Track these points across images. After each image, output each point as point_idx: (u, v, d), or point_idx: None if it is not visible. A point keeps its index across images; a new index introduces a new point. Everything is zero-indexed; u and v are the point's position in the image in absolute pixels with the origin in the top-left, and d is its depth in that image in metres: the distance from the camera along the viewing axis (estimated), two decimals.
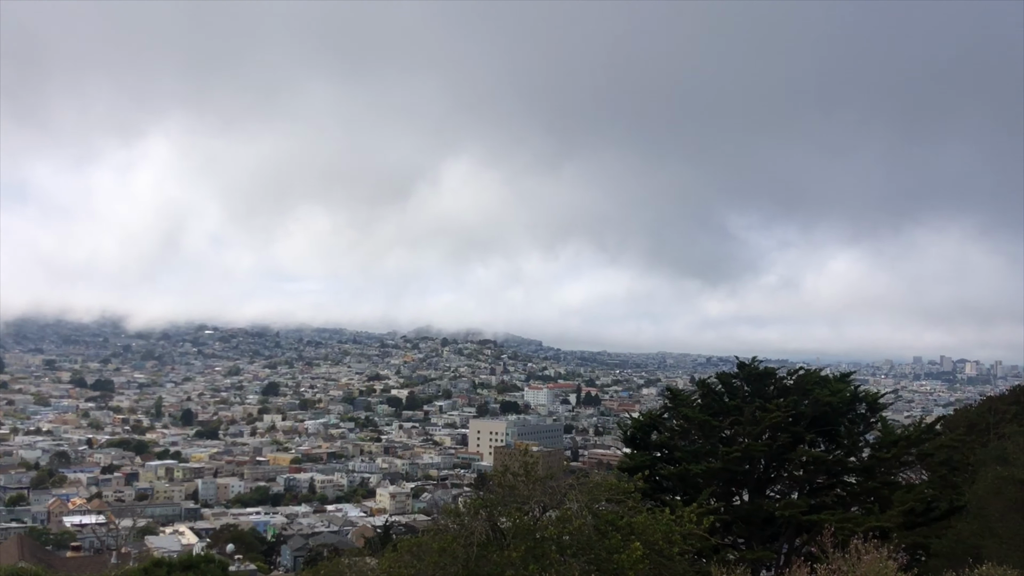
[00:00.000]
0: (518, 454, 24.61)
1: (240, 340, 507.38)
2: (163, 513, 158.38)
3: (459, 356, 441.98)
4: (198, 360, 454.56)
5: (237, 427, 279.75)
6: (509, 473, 22.27)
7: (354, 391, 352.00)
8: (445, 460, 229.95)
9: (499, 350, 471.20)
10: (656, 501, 26.79)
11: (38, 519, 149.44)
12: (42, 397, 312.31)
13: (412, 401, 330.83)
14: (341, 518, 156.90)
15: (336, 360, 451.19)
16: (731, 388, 33.97)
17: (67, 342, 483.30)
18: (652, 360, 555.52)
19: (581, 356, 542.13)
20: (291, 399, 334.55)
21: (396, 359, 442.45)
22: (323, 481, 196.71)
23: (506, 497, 21.39)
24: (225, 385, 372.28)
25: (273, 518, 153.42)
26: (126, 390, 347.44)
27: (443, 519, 22.68)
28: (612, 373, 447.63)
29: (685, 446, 32.01)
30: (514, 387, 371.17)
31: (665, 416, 34.62)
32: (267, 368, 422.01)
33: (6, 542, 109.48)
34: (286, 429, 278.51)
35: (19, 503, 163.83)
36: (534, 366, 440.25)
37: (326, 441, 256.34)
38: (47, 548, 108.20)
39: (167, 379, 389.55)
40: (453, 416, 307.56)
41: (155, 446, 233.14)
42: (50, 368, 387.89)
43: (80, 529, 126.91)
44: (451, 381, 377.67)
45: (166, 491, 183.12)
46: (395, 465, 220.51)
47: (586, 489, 21.54)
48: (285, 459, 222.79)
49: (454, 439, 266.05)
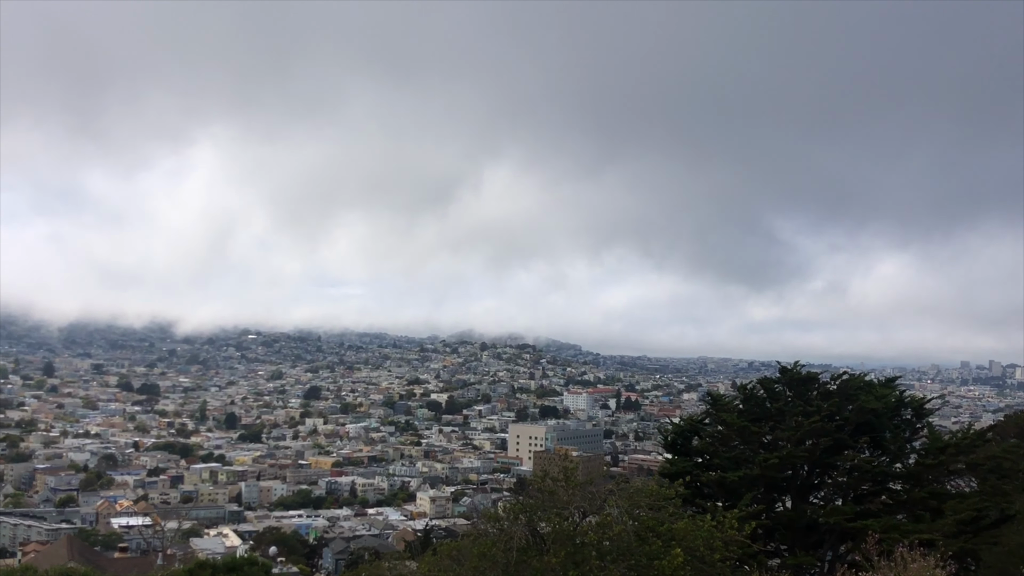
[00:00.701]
0: (558, 459, 24.56)
1: (283, 344, 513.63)
2: (207, 515, 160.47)
3: (498, 360, 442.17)
4: (242, 364, 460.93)
5: (280, 431, 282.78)
6: (549, 478, 22.24)
7: (394, 395, 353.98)
8: (485, 464, 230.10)
9: (538, 355, 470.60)
10: (697, 507, 26.58)
11: (87, 520, 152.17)
12: (90, 401, 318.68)
13: (452, 405, 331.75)
14: (382, 521, 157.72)
15: (376, 364, 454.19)
16: (773, 393, 33.58)
17: (114, 347, 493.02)
18: (693, 365, 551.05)
19: (621, 361, 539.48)
20: (332, 403, 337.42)
21: (436, 363, 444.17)
22: (364, 485, 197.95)
23: (546, 502, 21.36)
24: (268, 389, 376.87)
25: (315, 521, 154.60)
26: (171, 394, 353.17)
27: (483, 523, 22.71)
28: (652, 378, 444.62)
29: (726, 452, 31.71)
30: (553, 392, 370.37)
31: (706, 421, 34.33)
32: (309, 372, 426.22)
33: (56, 543, 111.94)
34: (327, 433, 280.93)
35: (69, 504, 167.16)
36: (573, 371, 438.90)
37: (367, 445, 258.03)
38: (95, 549, 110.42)
39: (211, 383, 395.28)
40: (492, 420, 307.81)
41: (199, 449, 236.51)
42: (98, 372, 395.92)
43: (127, 530, 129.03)
44: (490, 385, 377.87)
45: (210, 494, 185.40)
46: (435, 469, 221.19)
47: (626, 495, 21.44)
48: (327, 462, 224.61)
49: (493, 443, 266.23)
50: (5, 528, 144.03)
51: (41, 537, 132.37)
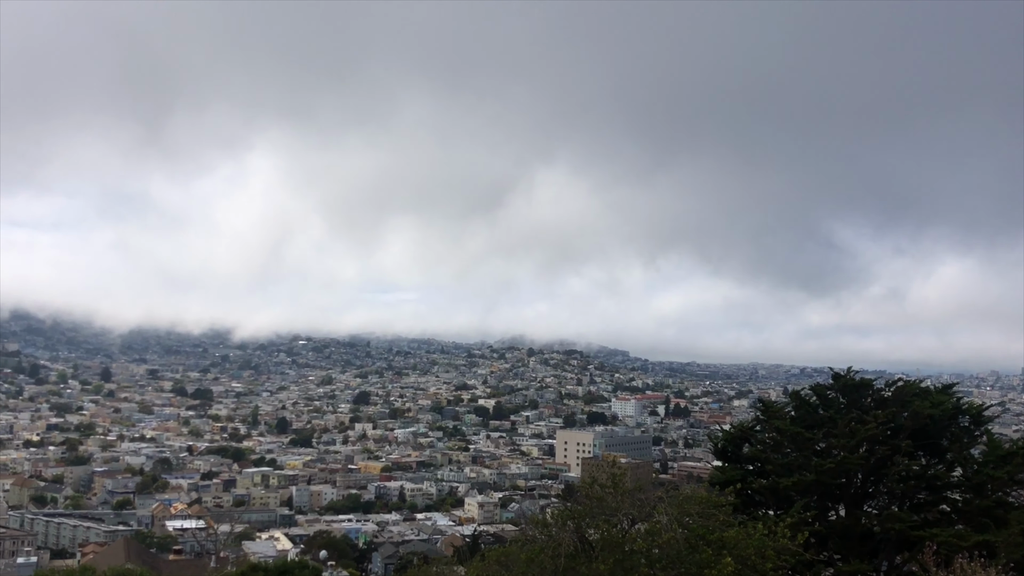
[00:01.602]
0: (606, 466, 24.43)
1: (333, 350, 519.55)
2: (259, 519, 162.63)
3: (545, 366, 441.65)
4: (292, 370, 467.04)
5: (330, 435, 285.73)
6: (597, 485, 22.14)
7: (442, 400, 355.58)
8: (532, 470, 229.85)
9: (585, 360, 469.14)
10: (748, 515, 26.23)
11: (143, 522, 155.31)
12: (146, 405, 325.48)
13: (499, 411, 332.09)
14: (430, 526, 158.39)
15: (425, 370, 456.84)
16: (825, 400, 33.02)
17: (169, 352, 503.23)
18: (743, 371, 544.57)
19: (669, 367, 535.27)
20: (381, 408, 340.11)
21: (483, 369, 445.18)
22: (412, 490, 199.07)
23: (594, 509, 21.27)
24: (318, 394, 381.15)
25: (364, 525, 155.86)
26: (224, 399, 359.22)
27: (531, 530, 22.69)
28: (702, 384, 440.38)
29: (778, 459, 31.20)
30: (601, 398, 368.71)
31: (757, 428, 33.86)
32: (358, 378, 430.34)
33: (114, 544, 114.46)
34: (376, 438, 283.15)
35: (125, 507, 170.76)
36: (621, 377, 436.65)
37: (415, 450, 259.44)
38: (151, 551, 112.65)
39: (263, 388, 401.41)
40: (540, 427, 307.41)
41: (251, 453, 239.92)
42: (153, 377, 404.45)
43: (181, 533, 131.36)
44: (538, 391, 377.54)
45: (262, 497, 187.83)
46: (483, 475, 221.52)
47: (676, 502, 21.26)
48: (376, 467, 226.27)
49: (541, 449, 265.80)
50: (65, 529, 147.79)
51: (99, 538, 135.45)
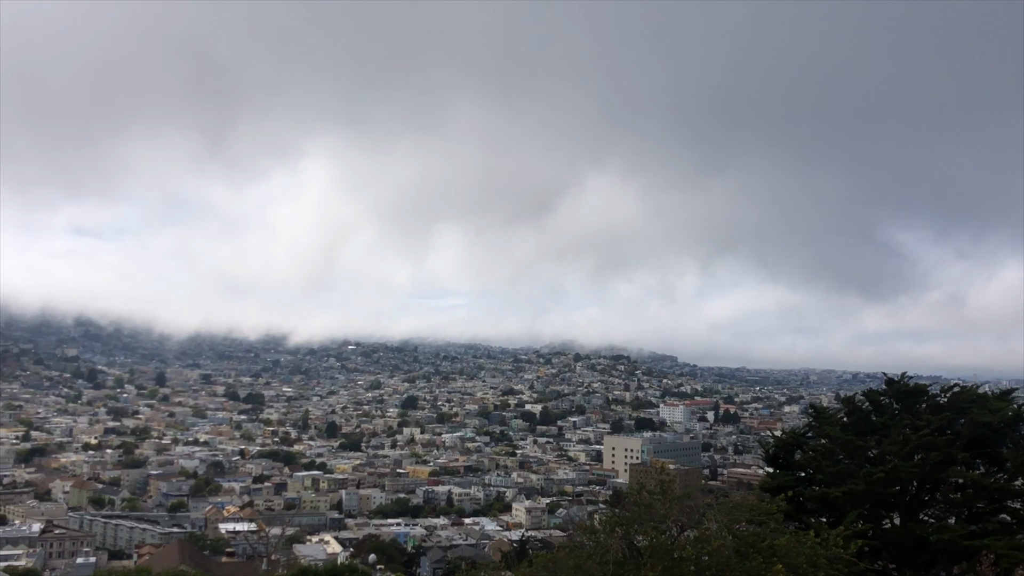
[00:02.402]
0: (654, 472, 24.33)
1: (381, 355, 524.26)
2: (309, 522, 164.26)
3: (592, 372, 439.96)
4: (342, 374, 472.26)
5: (378, 439, 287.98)
6: (645, 491, 22.05)
7: (489, 405, 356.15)
8: (580, 476, 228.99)
9: (633, 366, 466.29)
10: (800, 523, 25.90)
11: (196, 525, 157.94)
12: (199, 409, 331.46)
13: (546, 416, 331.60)
14: (478, 531, 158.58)
15: (471, 375, 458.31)
16: (879, 406, 32.44)
17: (222, 357, 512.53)
18: (794, 376, 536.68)
19: (719, 372, 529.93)
20: (429, 412, 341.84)
21: (530, 374, 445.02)
22: (460, 494, 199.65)
23: (642, 515, 21.18)
24: (367, 399, 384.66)
25: (413, 529, 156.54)
26: (275, 403, 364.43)
27: (579, 536, 22.68)
28: (752, 390, 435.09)
29: (829, 466, 30.71)
30: (649, 403, 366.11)
31: (808, 435, 33.39)
32: (406, 382, 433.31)
33: (168, 546, 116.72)
34: (424, 442, 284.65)
35: (179, 509, 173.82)
36: (669, 382, 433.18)
37: (462, 455, 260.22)
38: (204, 553, 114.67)
39: (313, 393, 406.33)
40: (587, 432, 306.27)
41: (302, 457, 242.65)
42: (207, 382, 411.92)
43: (234, 536, 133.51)
44: (584, 397, 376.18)
45: (312, 501, 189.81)
46: (530, 480, 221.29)
47: (725, 509, 21.08)
48: (424, 472, 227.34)
49: (588, 455, 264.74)
50: (122, 530, 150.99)
51: (154, 540, 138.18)
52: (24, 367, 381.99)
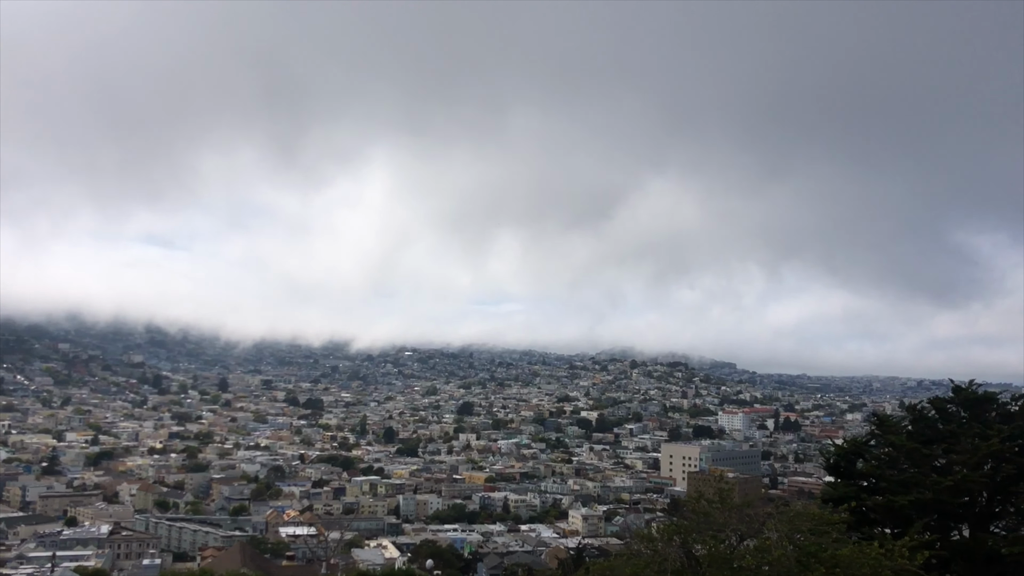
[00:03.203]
0: (713, 480, 24.06)
1: (437, 361, 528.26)
2: (367, 527, 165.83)
3: (649, 378, 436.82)
4: (398, 380, 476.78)
5: (435, 445, 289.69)
6: (704, 499, 21.83)
7: (544, 412, 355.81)
8: (637, 484, 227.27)
9: (691, 373, 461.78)
10: (863, 533, 25.30)
11: (257, 528, 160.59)
12: (260, 415, 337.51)
13: (602, 423, 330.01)
14: (534, 538, 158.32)
15: (527, 381, 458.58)
16: (945, 414, 31.59)
17: (282, 363, 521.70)
18: (857, 383, 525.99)
19: (779, 379, 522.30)
20: (484, 419, 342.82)
21: (585, 381, 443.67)
22: (516, 501, 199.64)
23: (701, 524, 20.97)
24: (423, 404, 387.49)
25: (469, 535, 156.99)
26: (334, 408, 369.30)
27: (636, 544, 22.52)
28: (813, 397, 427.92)
29: (894, 475, 29.96)
30: (707, 411, 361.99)
31: (871, 443, 32.66)
32: (462, 388, 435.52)
33: (230, 549, 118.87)
34: (480, 448, 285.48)
35: (241, 513, 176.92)
36: (728, 389, 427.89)
37: (518, 461, 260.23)
38: (265, 556, 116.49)
39: (370, 398, 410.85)
40: (644, 439, 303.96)
41: (360, 462, 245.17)
42: (267, 388, 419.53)
43: (294, 539, 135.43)
44: (641, 404, 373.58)
45: (370, 506, 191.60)
46: (586, 487, 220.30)
47: (786, 518, 20.74)
48: (480, 478, 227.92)
49: (645, 463, 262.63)
50: (186, 533, 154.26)
51: (217, 543, 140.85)
52: (93, 373, 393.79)
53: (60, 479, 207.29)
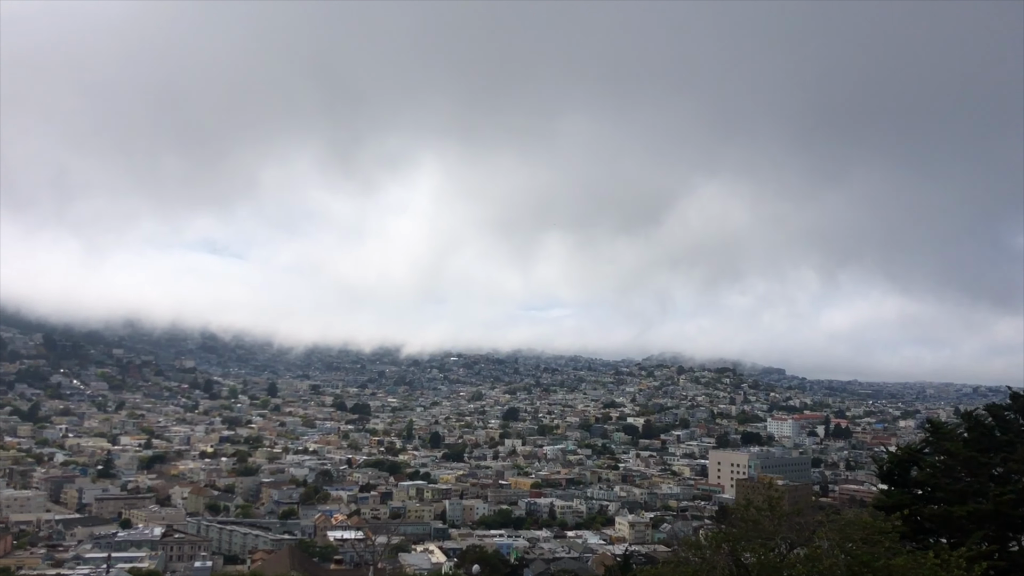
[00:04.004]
0: (762, 487, 23.75)
1: (482, 366, 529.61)
2: (414, 532, 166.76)
3: (696, 384, 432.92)
4: (444, 385, 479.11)
5: (480, 450, 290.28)
6: (753, 507, 21.59)
7: (590, 418, 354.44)
8: (684, 491, 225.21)
9: (739, 379, 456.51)
10: (917, 543, 24.77)
11: (306, 532, 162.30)
12: (309, 419, 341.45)
13: (648, 429, 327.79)
14: (581, 544, 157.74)
15: (572, 387, 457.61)
16: (1003, 421, 30.81)
17: (329, 368, 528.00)
18: (909, 390, 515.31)
19: (829, 385, 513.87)
20: (530, 424, 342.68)
21: (631, 387, 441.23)
22: (562, 507, 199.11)
23: (749, 532, 20.73)
24: (469, 410, 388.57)
25: (516, 541, 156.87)
26: (381, 413, 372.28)
27: (684, 551, 22.34)
28: (864, 403, 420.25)
29: (949, 484, 29.29)
30: (756, 417, 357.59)
31: (926, 451, 31.99)
32: (507, 394, 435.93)
33: (280, 552, 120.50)
34: (526, 454, 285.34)
35: (290, 517, 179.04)
36: (777, 395, 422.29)
37: (564, 467, 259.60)
38: (313, 559, 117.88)
39: (417, 403, 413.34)
40: (691, 446, 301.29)
41: (406, 467, 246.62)
42: (315, 393, 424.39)
43: (342, 543, 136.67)
44: (688, 410, 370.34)
45: (417, 510, 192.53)
46: (633, 494, 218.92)
47: (837, 527, 20.43)
48: (526, 483, 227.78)
49: (693, 470, 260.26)
50: (236, 536, 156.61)
51: (266, 546, 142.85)
52: (146, 378, 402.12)
53: (115, 482, 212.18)
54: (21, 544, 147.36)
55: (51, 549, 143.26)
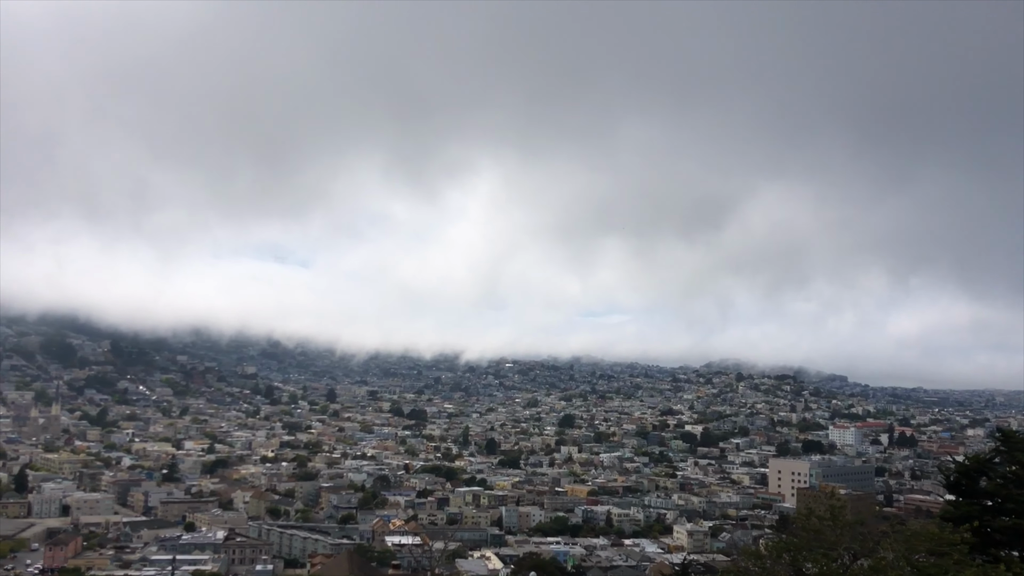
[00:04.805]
0: (824, 496, 23.33)
1: (538, 373, 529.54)
2: (471, 538, 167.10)
3: (755, 392, 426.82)
4: (499, 392, 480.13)
5: (536, 457, 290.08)
6: (814, 516, 21.22)
7: (647, 425, 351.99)
8: (743, 499, 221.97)
9: (799, 386, 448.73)
10: (987, 556, 24.05)
11: (364, 537, 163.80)
12: (366, 425, 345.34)
13: (707, 437, 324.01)
14: (639, 553, 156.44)
15: (628, 394, 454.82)
16: None
17: (387, 374, 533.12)
18: (978, 397, 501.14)
19: (893, 393, 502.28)
20: (586, 431, 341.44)
21: (689, 394, 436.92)
22: (619, 514, 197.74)
23: (811, 542, 20.39)
24: (524, 416, 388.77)
25: (572, 549, 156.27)
26: (437, 419, 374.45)
27: (743, 561, 22.06)
28: (930, 411, 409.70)
29: (1021, 495, 28.39)
30: (817, 425, 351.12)
31: (996, 461, 31.03)
32: (563, 400, 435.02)
33: (338, 556, 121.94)
34: (582, 461, 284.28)
35: (348, 521, 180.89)
36: (839, 403, 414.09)
37: (621, 474, 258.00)
38: (372, 564, 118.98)
39: (472, 409, 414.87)
40: (751, 454, 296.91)
41: (463, 473, 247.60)
42: (373, 399, 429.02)
43: (399, 548, 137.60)
44: (747, 418, 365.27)
45: (473, 516, 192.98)
46: (691, 502, 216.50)
47: (902, 538, 19.97)
48: (582, 491, 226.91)
49: (752, 478, 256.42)
50: (296, 540, 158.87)
51: (326, 550, 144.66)
52: (209, 384, 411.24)
53: (179, 485, 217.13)
54: (91, 545, 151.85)
55: (119, 551, 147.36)
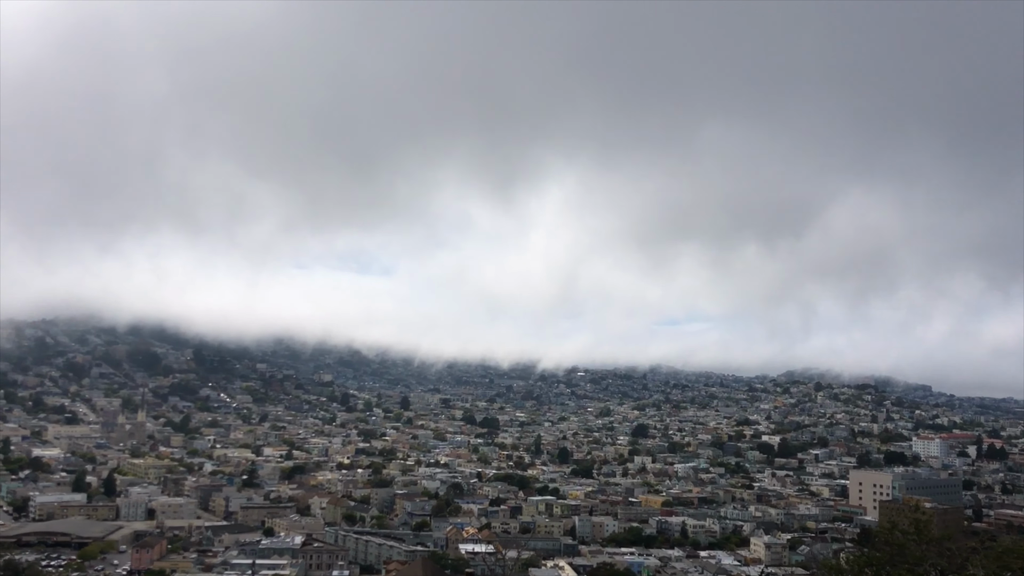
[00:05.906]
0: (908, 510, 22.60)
1: (610, 382, 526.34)
2: (544, 547, 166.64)
3: (835, 402, 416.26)
4: (571, 401, 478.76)
5: (609, 467, 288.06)
6: (898, 530, 20.59)
7: (722, 435, 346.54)
8: (823, 512, 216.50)
9: (881, 396, 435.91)
10: None
11: (438, 544, 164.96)
12: (440, 432, 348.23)
13: (784, 448, 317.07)
14: (714, 565, 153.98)
15: (703, 403, 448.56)
16: None
17: (459, 383, 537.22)
18: None
19: (981, 403, 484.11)
20: (660, 441, 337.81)
21: (766, 404, 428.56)
22: (695, 526, 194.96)
23: (895, 557, 19.76)
24: (596, 425, 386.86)
25: (647, 560, 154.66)
26: (509, 428, 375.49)
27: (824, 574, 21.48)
28: (1021, 423, 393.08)
29: None
30: (900, 436, 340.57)
31: None
32: (636, 410, 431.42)
33: (413, 563, 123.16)
34: (656, 471, 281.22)
35: (423, 528, 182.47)
36: (923, 413, 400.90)
37: (696, 485, 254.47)
38: (445, 572, 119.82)
39: (544, 418, 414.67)
40: (830, 466, 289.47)
41: (535, 482, 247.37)
42: (446, 406, 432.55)
43: (473, 556, 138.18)
44: (827, 428, 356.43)
45: (546, 526, 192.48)
46: (769, 514, 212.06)
47: (994, 555, 19.20)
48: (656, 501, 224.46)
49: (832, 490, 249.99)
50: (371, 546, 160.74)
51: (400, 557, 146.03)
52: (287, 391, 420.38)
53: (258, 491, 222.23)
54: (175, 548, 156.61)
55: (201, 554, 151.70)
